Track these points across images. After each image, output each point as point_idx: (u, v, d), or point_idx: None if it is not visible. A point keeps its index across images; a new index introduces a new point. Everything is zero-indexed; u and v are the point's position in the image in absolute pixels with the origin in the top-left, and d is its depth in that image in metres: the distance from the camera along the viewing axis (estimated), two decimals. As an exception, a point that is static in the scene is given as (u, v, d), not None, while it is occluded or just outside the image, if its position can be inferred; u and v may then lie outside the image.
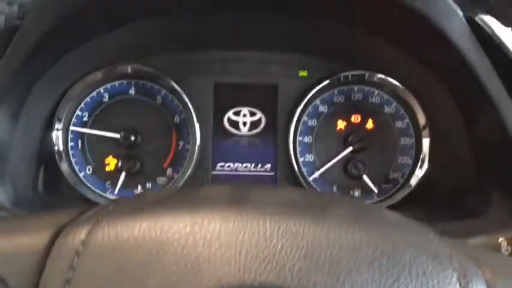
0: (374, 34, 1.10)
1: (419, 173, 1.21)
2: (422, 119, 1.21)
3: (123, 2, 1.01)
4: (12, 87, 1.01)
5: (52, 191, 1.20)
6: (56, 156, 1.19)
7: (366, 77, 1.23)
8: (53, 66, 1.10)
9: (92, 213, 0.56)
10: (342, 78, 1.23)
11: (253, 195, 0.57)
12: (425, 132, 1.21)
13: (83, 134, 1.23)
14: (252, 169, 1.26)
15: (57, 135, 1.19)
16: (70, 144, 1.21)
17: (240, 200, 0.54)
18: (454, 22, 0.94)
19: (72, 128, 1.21)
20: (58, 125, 1.18)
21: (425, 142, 1.21)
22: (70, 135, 1.21)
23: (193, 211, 0.51)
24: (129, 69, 1.21)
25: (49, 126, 1.18)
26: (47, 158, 1.19)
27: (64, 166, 1.19)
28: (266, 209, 0.51)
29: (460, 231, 0.93)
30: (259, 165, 1.26)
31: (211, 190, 0.59)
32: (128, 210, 0.54)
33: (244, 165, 1.27)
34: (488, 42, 0.95)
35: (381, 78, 1.22)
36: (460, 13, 0.95)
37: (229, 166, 1.26)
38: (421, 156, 1.21)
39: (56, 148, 1.19)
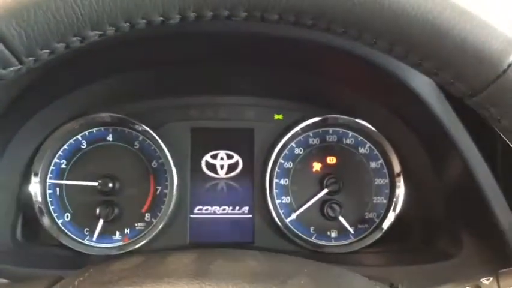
0: (346, 84, 1.14)
1: (391, 215, 1.23)
2: (396, 164, 1.23)
3: (101, 59, 1.04)
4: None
5: (31, 240, 1.21)
6: (36, 207, 1.19)
7: (340, 119, 1.26)
8: (33, 116, 1.13)
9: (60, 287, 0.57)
10: (316, 120, 1.26)
11: (217, 266, 0.58)
12: (399, 177, 1.23)
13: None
14: (230, 212, 1.28)
15: (35, 189, 1.19)
16: (48, 192, 1.22)
17: (203, 272, 0.56)
18: (419, 76, 0.98)
19: (49, 180, 1.22)
20: (35, 179, 1.19)
21: (399, 185, 1.23)
22: (48, 184, 1.22)
23: (157, 287, 0.53)
24: (106, 117, 1.23)
25: (27, 176, 1.19)
26: (25, 207, 1.19)
27: (43, 217, 1.19)
28: (228, 283, 0.53)
29: (429, 277, 0.96)
30: (237, 208, 1.28)
31: (177, 260, 0.60)
32: (94, 286, 0.55)
33: (222, 208, 1.28)
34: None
35: (354, 121, 1.25)
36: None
37: (207, 209, 1.27)
38: (394, 199, 1.23)
39: (35, 200, 1.19)
